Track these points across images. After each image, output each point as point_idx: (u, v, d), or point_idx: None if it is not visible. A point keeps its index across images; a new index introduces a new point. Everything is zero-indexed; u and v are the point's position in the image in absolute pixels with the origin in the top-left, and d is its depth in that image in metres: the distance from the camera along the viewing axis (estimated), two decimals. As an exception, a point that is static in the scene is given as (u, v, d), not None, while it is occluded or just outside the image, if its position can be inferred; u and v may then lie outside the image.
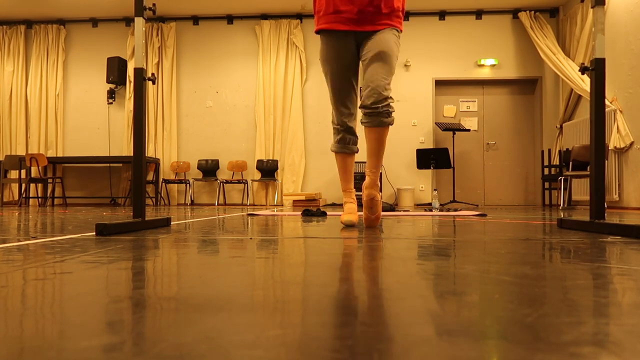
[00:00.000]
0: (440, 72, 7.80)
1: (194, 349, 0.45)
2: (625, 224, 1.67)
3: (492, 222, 2.67)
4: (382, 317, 0.58)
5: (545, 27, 7.40)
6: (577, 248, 1.33)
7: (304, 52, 7.87)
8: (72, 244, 1.46)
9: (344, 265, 1.02)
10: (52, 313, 0.60)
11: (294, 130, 7.78)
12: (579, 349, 0.45)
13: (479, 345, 0.46)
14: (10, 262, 1.05)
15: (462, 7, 7.66)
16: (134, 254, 1.21)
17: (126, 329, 0.52)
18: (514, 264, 1.02)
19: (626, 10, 5.66)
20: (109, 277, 0.87)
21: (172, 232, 1.93)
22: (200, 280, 0.83)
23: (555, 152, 7.27)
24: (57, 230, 2.06)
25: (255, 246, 1.39)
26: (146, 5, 2.16)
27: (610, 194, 5.88)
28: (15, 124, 8.26)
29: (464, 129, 7.04)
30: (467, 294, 0.71)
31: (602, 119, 1.92)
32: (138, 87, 2.15)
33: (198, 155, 8.05)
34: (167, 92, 8.00)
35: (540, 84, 7.76)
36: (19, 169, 7.04)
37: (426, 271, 0.93)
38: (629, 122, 5.61)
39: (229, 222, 2.72)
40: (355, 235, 1.75)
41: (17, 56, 8.30)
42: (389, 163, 7.76)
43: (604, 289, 0.75)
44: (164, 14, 8.04)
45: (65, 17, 8.16)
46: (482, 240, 1.55)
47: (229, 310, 0.61)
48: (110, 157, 7.34)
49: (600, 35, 1.92)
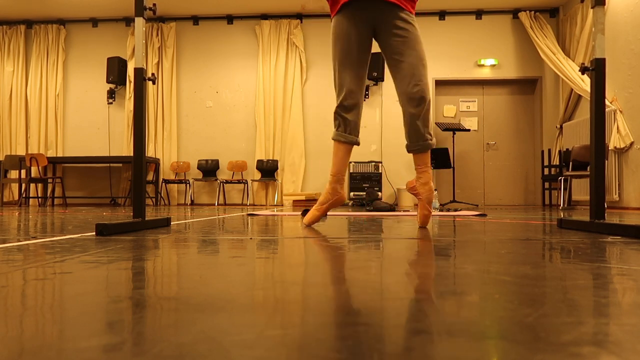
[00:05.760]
0: (440, 72, 7.80)
1: (194, 349, 0.45)
2: (625, 224, 1.67)
3: (492, 222, 2.67)
4: (382, 317, 0.58)
5: (545, 27, 7.40)
6: (577, 248, 1.33)
7: (304, 52, 7.87)
8: (72, 244, 1.46)
9: (344, 265, 1.02)
10: (52, 313, 0.60)
11: (294, 130, 7.78)
12: (579, 349, 0.45)
13: (479, 345, 0.46)
14: (10, 262, 1.05)
15: (462, 7, 7.66)
16: (134, 254, 1.21)
17: (126, 329, 0.52)
18: (514, 264, 1.02)
19: (626, 10, 5.66)
20: (109, 277, 0.87)
21: (172, 232, 1.93)
22: (200, 280, 0.83)
23: (555, 152, 7.27)
24: (57, 230, 2.06)
25: (255, 246, 1.39)
26: (146, 5, 2.16)
27: (610, 194, 5.88)
28: (15, 124, 8.26)
29: (464, 129, 7.04)
30: (467, 294, 0.71)
31: (602, 119, 1.92)
32: (138, 87, 2.15)
33: (198, 155, 8.05)
34: (167, 92, 8.00)
35: (540, 84, 7.76)
36: (19, 169, 7.04)
37: (426, 271, 0.93)
38: (629, 122, 5.61)
39: (229, 222, 2.72)
40: (355, 236, 1.75)
41: (17, 56, 8.30)
42: (389, 163, 7.76)
43: (604, 289, 0.75)
44: (164, 14, 8.04)
45: (65, 17, 8.16)
46: (482, 240, 1.55)
47: (229, 310, 0.61)
48: (110, 157, 7.34)
49: (600, 35, 1.92)
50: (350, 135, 2.29)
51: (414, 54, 2.16)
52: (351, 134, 2.29)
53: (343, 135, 2.28)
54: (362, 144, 7.84)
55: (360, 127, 2.34)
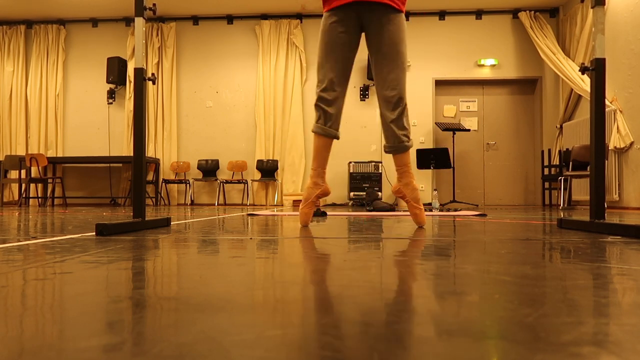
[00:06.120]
0: (440, 72, 7.80)
1: (194, 349, 0.45)
2: (625, 224, 1.67)
3: (492, 222, 2.67)
4: (382, 317, 0.58)
5: (545, 27, 7.40)
6: (577, 248, 1.33)
7: (304, 52, 7.87)
8: (72, 244, 1.46)
9: (344, 265, 1.02)
10: (52, 313, 0.60)
11: (293, 130, 7.78)
12: (579, 349, 0.45)
13: (479, 345, 0.46)
14: (11, 262, 1.05)
15: (462, 7, 7.66)
16: (134, 254, 1.21)
17: (126, 329, 0.52)
18: (514, 264, 1.02)
19: (626, 10, 5.66)
20: (109, 277, 0.87)
21: (172, 232, 1.93)
22: (200, 280, 0.83)
23: (555, 152, 7.27)
24: (57, 230, 2.06)
25: (255, 246, 1.39)
26: (146, 5, 2.16)
27: (610, 194, 5.88)
28: (15, 124, 8.26)
29: (464, 129, 7.04)
30: (467, 294, 0.71)
31: (602, 119, 1.92)
32: (138, 87, 2.15)
33: (198, 155, 8.05)
34: (167, 92, 8.00)
35: (540, 84, 7.76)
36: (19, 169, 7.04)
37: (426, 271, 0.93)
38: (629, 122, 5.61)
39: (229, 222, 2.72)
40: (355, 236, 1.75)
41: (17, 56, 8.30)
42: (389, 163, 7.76)
43: (604, 289, 0.75)
44: (164, 14, 8.04)
45: (65, 17, 8.16)
46: (482, 240, 1.55)
47: (229, 310, 0.61)
48: (110, 157, 7.34)
49: (600, 35, 1.92)
50: (330, 128, 2.27)
51: (395, 57, 2.20)
52: (331, 127, 2.28)
53: (322, 128, 2.27)
54: (362, 144, 7.85)
55: (340, 121, 2.33)
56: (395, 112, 2.20)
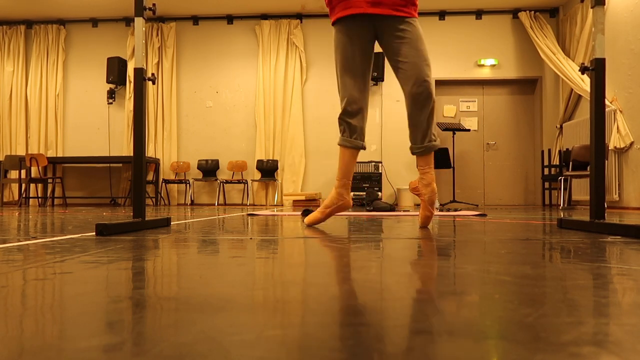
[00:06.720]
0: (440, 72, 7.80)
1: (194, 349, 0.45)
2: (625, 224, 1.67)
3: (492, 222, 2.67)
4: (382, 316, 0.58)
5: (545, 27, 7.40)
6: (577, 248, 1.33)
7: (304, 52, 7.87)
8: (72, 244, 1.46)
9: (344, 265, 1.02)
10: (52, 313, 0.60)
11: (294, 130, 7.78)
12: (579, 349, 0.45)
13: (479, 345, 0.46)
14: (11, 262, 1.05)
15: (462, 7, 7.66)
16: (134, 254, 1.21)
17: (126, 329, 0.52)
18: (514, 264, 1.02)
19: (626, 10, 5.66)
20: (109, 277, 0.87)
21: (172, 232, 1.93)
22: (200, 280, 0.83)
23: (555, 152, 7.27)
24: (57, 230, 2.06)
25: (255, 246, 1.39)
26: (146, 5, 2.16)
27: (610, 194, 5.88)
28: (15, 124, 8.26)
29: (464, 129, 7.04)
30: (467, 294, 0.71)
31: (602, 119, 1.92)
32: (138, 87, 2.15)
33: (198, 155, 8.05)
34: (167, 92, 8.00)
35: (540, 84, 7.76)
36: (19, 169, 7.04)
37: (426, 271, 0.93)
38: (629, 122, 5.61)
39: (229, 222, 2.72)
40: (355, 236, 1.75)
41: (17, 56, 8.30)
42: (389, 163, 7.76)
43: (604, 289, 0.75)
44: (164, 14, 8.04)
45: (65, 17, 8.16)
46: (482, 240, 1.55)
47: (229, 310, 0.61)
48: (110, 157, 7.34)
49: (600, 35, 1.92)
50: (355, 140, 2.27)
51: (416, 53, 2.14)
52: (357, 139, 2.28)
53: (348, 140, 2.27)
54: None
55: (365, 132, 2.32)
56: (425, 108, 2.14)
